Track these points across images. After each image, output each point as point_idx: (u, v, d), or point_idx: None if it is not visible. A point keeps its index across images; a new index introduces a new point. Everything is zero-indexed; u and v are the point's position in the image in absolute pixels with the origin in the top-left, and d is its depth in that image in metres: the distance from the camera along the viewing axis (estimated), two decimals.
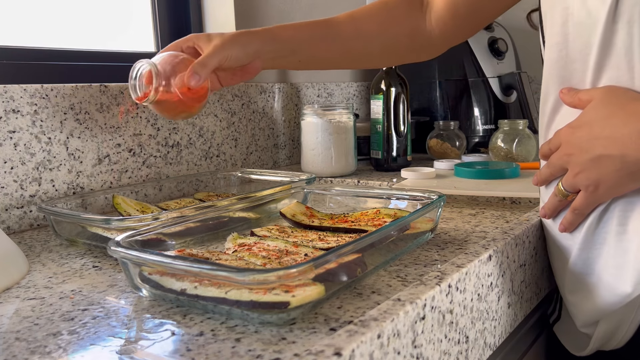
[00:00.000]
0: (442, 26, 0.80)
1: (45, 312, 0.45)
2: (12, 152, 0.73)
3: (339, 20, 0.80)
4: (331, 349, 0.33)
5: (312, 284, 0.41)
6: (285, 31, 0.77)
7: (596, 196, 0.54)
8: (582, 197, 0.55)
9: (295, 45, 0.78)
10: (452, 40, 0.83)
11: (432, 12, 0.81)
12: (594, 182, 0.53)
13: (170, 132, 0.94)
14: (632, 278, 0.54)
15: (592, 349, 0.62)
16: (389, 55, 0.85)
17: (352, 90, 1.42)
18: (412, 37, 0.82)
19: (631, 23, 0.51)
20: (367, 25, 0.80)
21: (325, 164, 1.02)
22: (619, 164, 0.51)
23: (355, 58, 0.84)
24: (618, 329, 0.59)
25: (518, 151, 1.05)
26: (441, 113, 1.28)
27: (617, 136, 0.51)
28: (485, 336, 0.53)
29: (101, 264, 0.59)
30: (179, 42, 0.75)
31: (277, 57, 0.77)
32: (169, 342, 0.39)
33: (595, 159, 0.52)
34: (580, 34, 0.55)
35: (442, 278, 0.45)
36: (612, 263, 0.56)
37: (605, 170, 0.52)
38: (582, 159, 0.53)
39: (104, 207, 0.77)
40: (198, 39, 0.73)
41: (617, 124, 0.51)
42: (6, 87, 0.73)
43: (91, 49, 0.96)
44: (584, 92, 0.55)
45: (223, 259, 0.50)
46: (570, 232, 0.59)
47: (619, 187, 0.52)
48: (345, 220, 0.66)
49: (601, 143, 0.52)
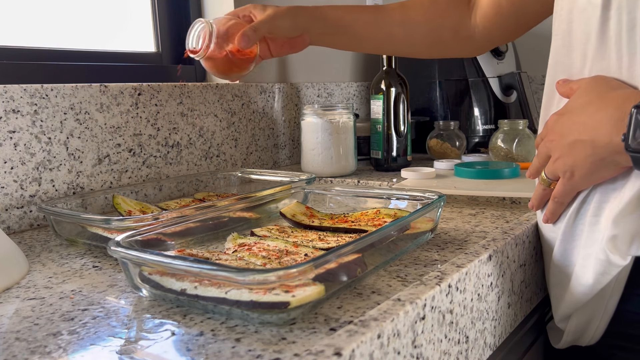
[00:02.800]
0: (485, 23, 0.81)
1: (45, 312, 0.45)
2: (12, 152, 0.73)
3: (388, 7, 0.84)
4: (331, 349, 0.33)
5: (312, 284, 0.41)
6: (334, 11, 0.82)
7: (573, 183, 0.55)
8: (560, 185, 0.56)
9: (343, 25, 0.82)
10: (495, 39, 0.84)
11: (478, 8, 0.82)
12: (570, 168, 0.54)
13: (170, 132, 0.94)
14: (594, 268, 0.53)
15: (565, 341, 0.62)
16: (430, 46, 0.86)
17: (352, 90, 1.42)
18: (455, 31, 0.83)
19: (620, 10, 0.51)
20: (414, 13, 0.83)
21: (325, 164, 1.02)
22: (590, 149, 0.51)
23: (399, 44, 0.86)
24: (589, 324, 0.58)
25: (518, 151, 1.05)
26: (441, 113, 1.28)
27: (590, 122, 0.51)
28: (485, 336, 0.53)
29: (101, 264, 0.59)
30: (237, 10, 0.81)
31: (324, 34, 0.82)
32: (169, 342, 0.39)
33: (571, 144, 0.53)
34: (581, 21, 0.55)
35: (442, 278, 0.45)
36: (582, 254, 0.56)
37: (579, 156, 0.52)
38: (560, 144, 0.54)
39: (104, 207, 0.77)
40: (254, 7, 0.79)
41: (592, 110, 0.52)
42: (6, 87, 0.73)
43: (91, 49, 0.96)
44: (575, 82, 0.56)
45: (223, 259, 0.50)
46: (553, 224, 0.59)
47: (592, 174, 0.53)
48: (345, 220, 0.66)
49: (577, 128, 0.53)
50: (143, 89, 0.90)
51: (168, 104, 0.94)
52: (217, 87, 1.03)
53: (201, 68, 1.14)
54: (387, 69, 1.05)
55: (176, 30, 1.11)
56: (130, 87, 0.88)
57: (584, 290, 0.55)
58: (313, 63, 1.31)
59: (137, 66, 1.02)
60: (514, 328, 0.60)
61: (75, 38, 0.95)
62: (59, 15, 0.94)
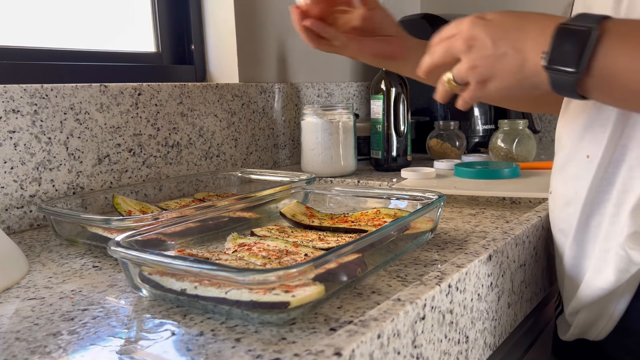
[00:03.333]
0: None
1: (45, 312, 0.45)
2: (12, 152, 0.73)
3: None
4: (331, 349, 0.33)
5: (312, 284, 0.41)
6: None
7: (485, 92, 0.52)
8: (471, 91, 0.53)
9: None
10: None
11: None
12: (487, 78, 0.51)
13: (170, 132, 0.94)
14: (615, 264, 0.52)
15: (572, 334, 0.62)
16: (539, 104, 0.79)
17: (352, 90, 1.42)
18: None
19: None
20: None
21: (325, 164, 1.02)
22: (518, 66, 0.49)
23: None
24: (598, 320, 0.57)
25: (518, 151, 1.05)
26: (441, 113, 1.28)
27: (523, 37, 0.49)
28: (485, 336, 0.53)
29: (101, 264, 0.59)
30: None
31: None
32: (169, 342, 0.39)
33: (500, 55, 0.50)
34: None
35: (442, 278, 0.45)
36: (600, 247, 0.54)
37: (504, 69, 0.50)
38: (485, 52, 0.50)
39: (104, 207, 0.77)
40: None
41: (524, 24, 0.49)
42: (6, 87, 0.73)
43: (91, 49, 0.96)
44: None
45: (223, 259, 0.50)
46: (566, 215, 0.58)
47: (508, 90, 0.51)
48: (345, 220, 0.66)
49: (510, 40, 0.49)
50: (143, 89, 0.90)
51: (168, 104, 0.94)
52: (217, 87, 1.03)
53: (201, 68, 1.14)
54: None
55: (176, 30, 1.11)
56: (130, 87, 0.88)
57: (602, 285, 0.53)
58: (313, 63, 1.31)
59: (137, 66, 1.02)
60: (514, 328, 0.60)
61: (75, 38, 0.95)
62: (59, 15, 0.94)
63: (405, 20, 1.35)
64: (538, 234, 0.65)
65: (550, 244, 0.66)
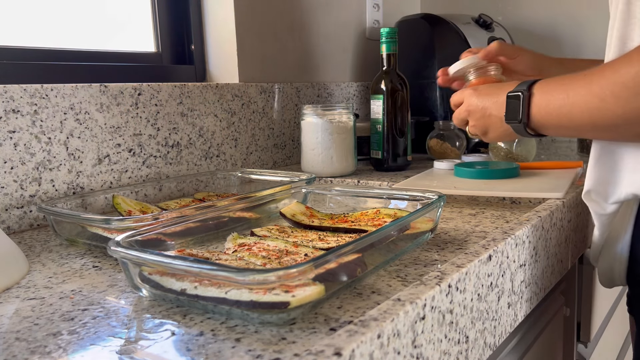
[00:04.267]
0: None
1: (45, 312, 0.45)
2: (12, 152, 0.73)
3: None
4: (331, 349, 0.33)
5: (312, 284, 0.41)
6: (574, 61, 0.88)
7: (488, 138, 0.76)
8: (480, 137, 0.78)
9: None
10: None
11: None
12: (486, 130, 0.75)
13: (170, 132, 0.94)
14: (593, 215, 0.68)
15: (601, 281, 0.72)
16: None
17: (352, 90, 1.42)
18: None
19: None
20: None
21: (325, 164, 1.02)
22: (499, 122, 0.71)
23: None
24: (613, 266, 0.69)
25: (518, 151, 1.05)
26: (441, 113, 1.28)
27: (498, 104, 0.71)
28: (485, 336, 0.53)
29: (101, 264, 0.59)
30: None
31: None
32: (169, 342, 0.39)
33: (488, 116, 0.73)
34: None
35: (442, 278, 0.45)
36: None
37: (493, 125, 0.73)
38: (479, 115, 0.74)
39: (104, 207, 0.77)
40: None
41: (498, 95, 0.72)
42: (6, 87, 0.73)
43: (91, 49, 0.96)
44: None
45: (223, 259, 0.50)
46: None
47: (499, 136, 0.74)
48: (345, 220, 0.66)
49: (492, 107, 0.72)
50: (143, 89, 0.90)
51: (168, 104, 0.94)
52: (217, 87, 1.03)
53: (201, 68, 1.14)
54: (387, 69, 1.05)
55: (176, 30, 1.11)
56: (130, 87, 0.88)
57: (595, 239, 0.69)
58: (313, 63, 1.31)
59: (137, 66, 1.02)
60: (514, 328, 0.60)
61: (75, 38, 0.95)
62: (59, 15, 0.94)
63: (405, 20, 1.35)
64: (538, 234, 0.65)
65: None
